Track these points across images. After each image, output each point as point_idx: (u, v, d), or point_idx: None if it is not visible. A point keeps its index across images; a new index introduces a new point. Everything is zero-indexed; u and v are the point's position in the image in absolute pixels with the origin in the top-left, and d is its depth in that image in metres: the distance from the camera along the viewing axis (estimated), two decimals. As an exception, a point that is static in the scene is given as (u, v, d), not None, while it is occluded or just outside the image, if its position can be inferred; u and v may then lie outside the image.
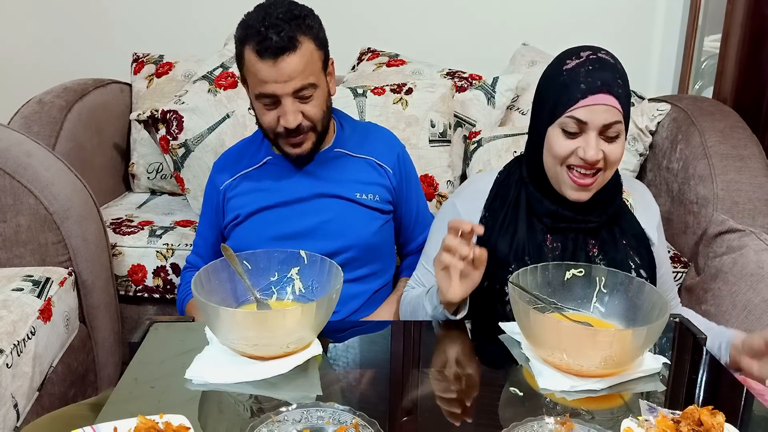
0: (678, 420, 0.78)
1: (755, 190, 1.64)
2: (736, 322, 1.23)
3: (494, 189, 1.23)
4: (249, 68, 1.22)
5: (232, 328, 0.94)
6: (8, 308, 1.25)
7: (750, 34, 1.90)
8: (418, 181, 1.50)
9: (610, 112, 1.06)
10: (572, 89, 1.07)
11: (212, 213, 1.41)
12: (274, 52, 1.18)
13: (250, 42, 1.19)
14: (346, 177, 1.35)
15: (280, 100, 1.22)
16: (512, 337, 1.03)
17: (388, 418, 0.84)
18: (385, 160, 1.39)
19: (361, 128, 1.44)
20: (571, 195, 1.12)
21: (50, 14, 2.42)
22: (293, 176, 1.34)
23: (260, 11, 1.21)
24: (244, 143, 1.44)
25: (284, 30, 1.17)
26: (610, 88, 1.06)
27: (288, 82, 1.20)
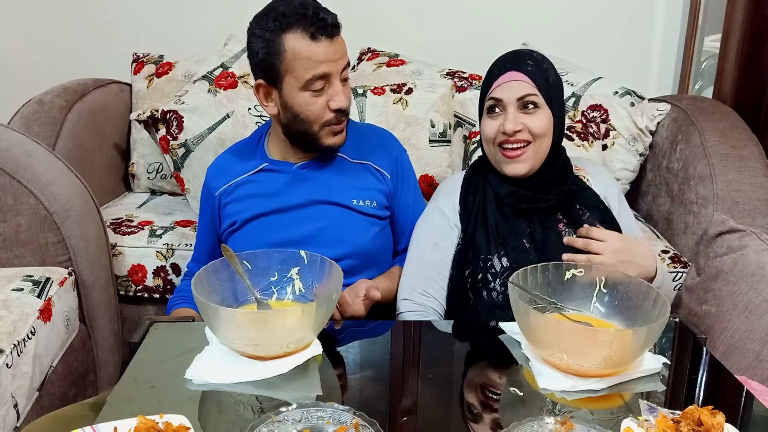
0: (678, 420, 0.78)
1: (755, 190, 1.64)
2: (737, 322, 1.23)
3: (464, 185, 1.33)
4: (298, 55, 1.20)
5: (232, 328, 0.94)
6: (8, 308, 1.25)
7: (750, 34, 1.90)
8: (416, 185, 1.48)
9: (521, 86, 1.20)
10: (489, 77, 1.25)
11: (209, 219, 1.40)
12: (331, 31, 1.21)
13: (298, 27, 1.20)
14: (343, 183, 1.34)
15: (330, 81, 1.23)
16: (512, 337, 1.03)
17: (388, 418, 0.84)
18: (383, 164, 1.38)
19: (360, 131, 1.42)
20: (508, 170, 1.23)
21: (50, 14, 2.42)
22: (289, 182, 1.33)
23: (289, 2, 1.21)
24: (238, 147, 1.43)
25: (329, 12, 1.23)
26: (517, 66, 1.21)
27: (339, 60, 1.23)
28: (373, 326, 1.22)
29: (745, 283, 1.24)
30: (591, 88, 2.01)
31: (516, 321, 0.98)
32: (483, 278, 1.21)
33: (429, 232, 1.30)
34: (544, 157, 1.24)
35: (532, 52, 1.25)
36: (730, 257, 1.30)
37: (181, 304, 1.38)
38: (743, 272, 1.25)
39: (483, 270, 1.22)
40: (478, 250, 1.24)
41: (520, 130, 1.20)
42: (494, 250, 1.23)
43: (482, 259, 1.22)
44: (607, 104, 1.97)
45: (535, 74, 1.21)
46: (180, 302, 1.39)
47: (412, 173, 1.46)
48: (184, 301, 1.39)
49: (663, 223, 1.88)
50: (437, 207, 1.32)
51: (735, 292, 1.25)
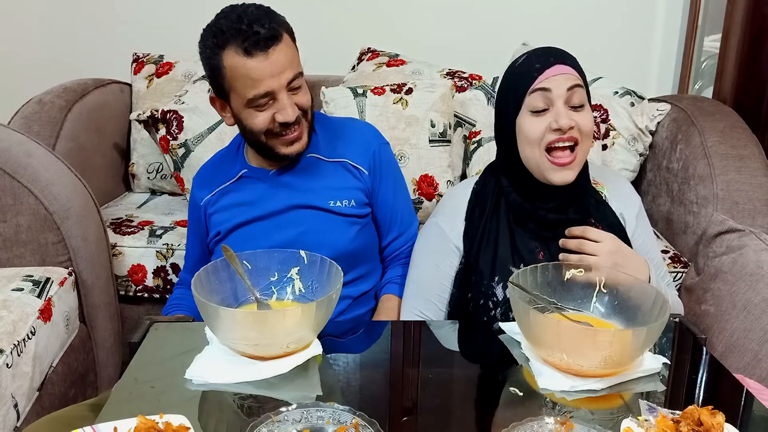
0: (678, 420, 0.78)
1: (755, 190, 1.64)
2: (735, 321, 1.23)
3: (472, 200, 1.23)
4: (236, 73, 1.18)
5: (232, 328, 0.94)
6: (8, 308, 1.25)
7: (750, 34, 1.90)
8: (399, 178, 1.44)
9: (569, 78, 1.11)
10: (529, 72, 1.13)
11: (197, 228, 1.40)
12: (264, 45, 1.15)
13: (232, 44, 1.16)
14: (320, 185, 1.31)
15: (275, 96, 1.19)
16: (512, 337, 1.03)
17: (388, 418, 0.84)
18: (359, 160, 1.35)
19: (336, 128, 1.39)
20: (556, 178, 1.12)
21: (50, 14, 2.42)
22: (268, 188, 1.32)
23: (229, 14, 1.18)
24: (219, 156, 1.42)
25: (266, 22, 1.16)
26: (563, 59, 1.13)
27: (282, 73, 1.18)
28: (373, 326, 1.22)
29: (744, 283, 1.24)
30: (591, 88, 2.00)
31: (516, 321, 0.98)
32: (484, 305, 1.17)
33: (428, 252, 1.25)
34: (586, 157, 1.15)
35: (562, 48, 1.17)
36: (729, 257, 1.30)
37: (175, 311, 1.37)
38: (742, 272, 1.25)
39: (484, 297, 1.17)
40: (480, 276, 1.17)
41: (573, 127, 1.10)
42: (499, 278, 1.16)
43: (484, 285, 1.17)
44: (607, 104, 1.97)
45: (579, 68, 1.13)
46: (173, 310, 1.38)
47: (393, 166, 1.42)
48: (176, 308, 1.38)
49: (663, 223, 1.88)
50: (438, 225, 1.24)
51: (734, 292, 1.25)
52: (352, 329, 1.18)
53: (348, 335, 1.13)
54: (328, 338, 1.03)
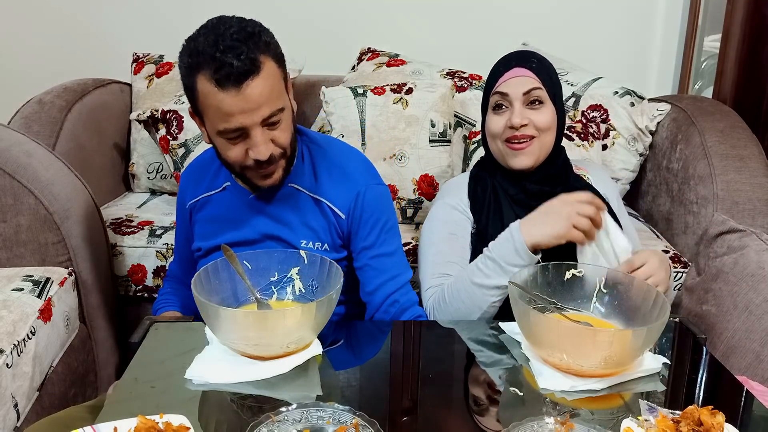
0: (678, 420, 0.78)
1: (755, 190, 1.64)
2: (737, 322, 1.23)
3: (471, 182, 1.34)
4: (207, 101, 1.06)
5: (232, 328, 0.94)
6: (8, 308, 1.25)
7: (750, 34, 1.90)
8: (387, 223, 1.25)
9: (526, 81, 1.23)
10: (494, 74, 1.27)
11: (183, 227, 1.37)
12: (236, 79, 1.02)
13: (204, 70, 1.03)
14: (296, 220, 1.22)
15: (248, 132, 1.07)
16: (512, 337, 1.03)
17: (388, 418, 0.84)
18: (339, 203, 1.22)
19: (325, 158, 1.26)
20: (514, 163, 1.25)
21: (50, 14, 2.42)
22: (247, 212, 1.24)
23: (209, 34, 1.05)
24: (206, 158, 1.32)
25: (243, 51, 1.02)
26: (522, 62, 1.24)
27: (256, 110, 1.05)
28: (373, 326, 1.22)
29: (745, 283, 1.24)
30: (591, 88, 2.01)
31: (516, 321, 0.98)
32: None
33: (440, 227, 1.30)
34: (548, 152, 1.27)
35: (535, 53, 1.29)
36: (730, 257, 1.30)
37: (167, 307, 1.36)
38: (743, 272, 1.25)
39: None
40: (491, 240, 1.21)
41: (527, 125, 1.22)
42: None
43: None
44: (607, 104, 1.97)
45: (540, 71, 1.24)
46: (165, 306, 1.37)
47: (381, 210, 1.25)
48: (169, 304, 1.37)
49: (663, 223, 1.88)
50: (446, 203, 1.32)
51: (735, 292, 1.25)
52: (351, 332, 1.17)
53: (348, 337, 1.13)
54: (329, 338, 1.03)
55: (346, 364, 1.01)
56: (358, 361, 1.03)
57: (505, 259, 1.12)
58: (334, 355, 1.01)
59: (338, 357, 1.01)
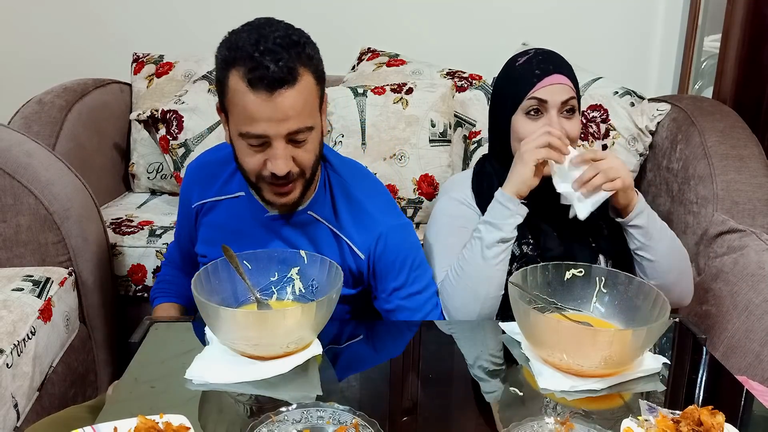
0: (678, 420, 0.78)
1: (755, 190, 1.64)
2: (737, 322, 1.23)
3: (475, 178, 1.31)
4: (235, 99, 1.02)
5: (232, 328, 0.94)
6: (8, 308, 1.25)
7: (750, 34, 1.90)
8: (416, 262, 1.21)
9: (564, 90, 1.19)
10: (528, 77, 1.20)
11: (186, 224, 1.31)
12: (270, 84, 0.98)
13: (239, 67, 1.00)
14: (310, 249, 1.16)
15: (270, 142, 1.03)
16: (512, 337, 1.03)
17: (388, 418, 0.84)
18: (359, 243, 1.17)
19: (346, 193, 1.20)
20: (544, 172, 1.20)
21: (50, 14, 2.42)
22: (260, 231, 1.19)
23: (252, 32, 1.01)
24: (220, 159, 1.25)
25: (283, 58, 0.98)
26: (560, 70, 1.20)
27: (283, 121, 1.00)
28: (373, 326, 1.22)
29: (745, 283, 1.24)
30: (591, 88, 2.01)
31: (516, 321, 0.98)
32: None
33: (449, 221, 1.28)
34: None
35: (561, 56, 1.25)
36: (730, 257, 1.30)
37: (164, 298, 1.34)
38: (743, 272, 1.25)
39: None
40: None
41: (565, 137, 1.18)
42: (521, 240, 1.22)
43: None
44: (607, 104, 1.97)
45: (573, 78, 1.22)
46: (162, 296, 1.35)
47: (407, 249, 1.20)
48: (165, 294, 1.35)
49: (663, 223, 1.88)
50: (452, 198, 1.30)
51: (735, 292, 1.25)
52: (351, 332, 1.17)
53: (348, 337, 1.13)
54: (329, 338, 1.03)
55: (346, 364, 1.01)
56: (358, 361, 1.03)
57: (496, 217, 1.16)
58: (334, 355, 1.01)
59: (338, 357, 1.01)
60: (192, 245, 1.31)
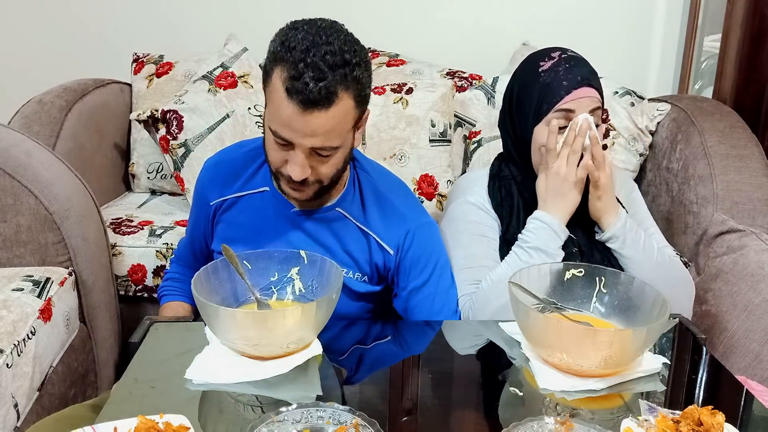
0: (678, 420, 0.78)
1: (755, 190, 1.64)
2: (736, 322, 1.23)
3: (491, 181, 1.28)
4: (272, 95, 1.03)
5: (232, 328, 0.94)
6: (8, 308, 1.25)
7: (750, 34, 1.90)
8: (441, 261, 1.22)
9: (593, 101, 1.18)
10: (555, 87, 1.17)
11: (202, 222, 1.30)
12: (304, 102, 0.98)
13: (283, 68, 0.99)
14: (337, 245, 1.18)
15: (293, 146, 1.05)
16: (512, 337, 1.03)
17: (388, 418, 0.84)
18: (387, 239, 1.18)
19: (375, 193, 1.21)
20: None
21: (50, 14, 2.42)
22: (286, 226, 1.19)
23: (308, 36, 1.00)
24: (244, 156, 1.25)
25: (325, 79, 0.97)
26: (589, 81, 1.18)
27: (309, 137, 1.02)
28: (373, 326, 1.22)
29: (744, 283, 1.24)
30: (591, 88, 2.01)
31: (516, 321, 0.98)
32: None
33: (468, 227, 1.24)
34: None
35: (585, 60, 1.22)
36: (730, 257, 1.30)
37: (172, 296, 1.35)
38: (743, 272, 1.25)
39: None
40: None
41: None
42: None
43: None
44: (607, 104, 1.97)
45: (599, 87, 1.21)
46: (171, 293, 1.35)
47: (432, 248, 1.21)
48: (175, 293, 1.35)
49: (663, 223, 1.88)
50: (468, 202, 1.26)
51: (735, 292, 1.25)
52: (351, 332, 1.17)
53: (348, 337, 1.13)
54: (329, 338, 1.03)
55: (346, 364, 1.01)
56: (358, 361, 1.03)
57: (547, 244, 1.14)
58: (334, 355, 1.01)
59: (338, 357, 1.01)
60: (206, 243, 1.31)
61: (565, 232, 1.16)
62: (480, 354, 1.07)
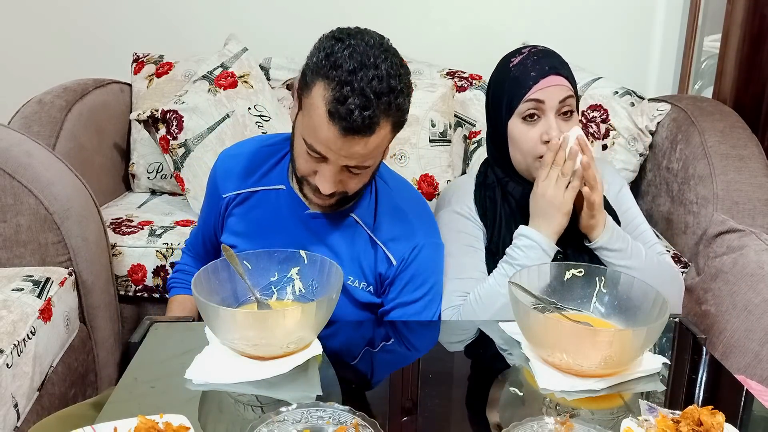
0: (678, 420, 0.78)
1: (755, 190, 1.64)
2: (736, 322, 1.23)
3: (477, 190, 1.27)
4: (311, 109, 1.00)
5: (232, 328, 0.94)
6: (8, 308, 1.25)
7: (750, 34, 1.90)
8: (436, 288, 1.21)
9: (563, 90, 1.15)
10: (524, 78, 1.15)
11: (213, 213, 1.29)
12: (346, 129, 0.97)
13: (326, 87, 0.97)
14: (347, 252, 1.18)
15: (326, 160, 1.03)
16: (512, 337, 1.03)
17: (388, 418, 0.84)
18: (394, 250, 1.18)
19: (392, 208, 1.20)
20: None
21: (50, 14, 2.42)
22: (298, 227, 1.18)
23: (354, 56, 0.97)
24: (261, 151, 1.24)
25: (370, 107, 0.96)
26: (557, 70, 1.16)
27: (347, 158, 1.02)
28: (373, 326, 1.22)
29: (744, 283, 1.24)
30: (591, 88, 2.01)
31: (516, 321, 0.98)
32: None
33: (456, 237, 1.23)
34: None
35: (556, 53, 1.20)
36: (729, 257, 1.30)
37: (181, 289, 1.35)
38: (743, 272, 1.25)
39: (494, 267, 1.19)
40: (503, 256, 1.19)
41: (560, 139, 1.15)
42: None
43: None
44: (607, 104, 1.98)
45: (570, 76, 1.17)
46: (180, 286, 1.36)
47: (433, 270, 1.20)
48: (184, 286, 1.35)
49: (663, 223, 1.88)
50: (455, 212, 1.26)
51: (734, 292, 1.25)
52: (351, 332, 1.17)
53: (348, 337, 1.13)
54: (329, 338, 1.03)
55: (346, 364, 1.01)
56: (358, 361, 1.03)
57: (536, 263, 1.12)
58: (334, 355, 1.01)
59: (338, 357, 1.01)
60: (215, 235, 1.30)
61: (553, 249, 1.14)
62: (480, 354, 1.07)
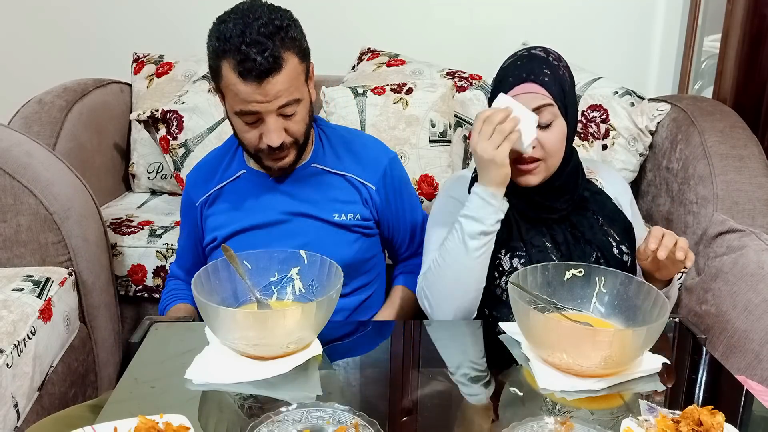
0: (678, 420, 0.78)
1: (755, 190, 1.64)
2: (736, 322, 1.23)
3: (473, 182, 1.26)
4: (228, 85, 1.13)
5: (232, 328, 0.94)
6: (8, 308, 1.25)
7: (750, 34, 1.90)
8: (413, 193, 1.41)
9: (536, 99, 1.11)
10: (503, 83, 1.15)
11: (192, 229, 1.36)
12: (258, 75, 1.09)
13: (228, 58, 1.10)
14: (324, 196, 1.27)
15: (263, 118, 1.14)
16: (512, 337, 1.03)
17: (388, 418, 0.84)
18: (367, 176, 1.30)
19: (343, 140, 1.34)
20: (521, 181, 1.17)
21: (50, 14, 2.42)
22: (268, 194, 1.28)
23: (237, 22, 1.10)
24: (216, 154, 1.37)
25: (268, 48, 1.08)
26: (534, 77, 1.12)
27: (273, 100, 1.12)
28: (373, 326, 1.22)
29: (744, 283, 1.24)
30: (591, 88, 2.01)
31: (516, 321, 0.98)
32: (490, 274, 1.18)
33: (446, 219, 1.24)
34: (557, 167, 1.18)
35: (548, 56, 1.16)
36: (729, 257, 1.30)
37: (176, 301, 1.36)
38: (743, 272, 1.25)
39: (491, 267, 1.18)
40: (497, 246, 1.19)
41: (534, 147, 1.13)
42: (506, 250, 1.19)
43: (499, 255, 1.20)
44: (607, 104, 1.97)
45: (552, 84, 1.13)
46: (173, 300, 1.37)
47: (406, 183, 1.38)
48: (177, 299, 1.37)
49: (663, 223, 1.88)
50: (451, 197, 1.27)
51: (734, 292, 1.25)
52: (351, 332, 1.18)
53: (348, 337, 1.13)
54: (329, 338, 1.03)
55: (346, 364, 1.01)
56: (358, 361, 1.03)
57: (479, 212, 1.12)
58: (334, 355, 1.01)
59: (338, 357, 1.01)
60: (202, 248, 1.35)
61: (498, 200, 1.12)
62: (480, 354, 1.07)
